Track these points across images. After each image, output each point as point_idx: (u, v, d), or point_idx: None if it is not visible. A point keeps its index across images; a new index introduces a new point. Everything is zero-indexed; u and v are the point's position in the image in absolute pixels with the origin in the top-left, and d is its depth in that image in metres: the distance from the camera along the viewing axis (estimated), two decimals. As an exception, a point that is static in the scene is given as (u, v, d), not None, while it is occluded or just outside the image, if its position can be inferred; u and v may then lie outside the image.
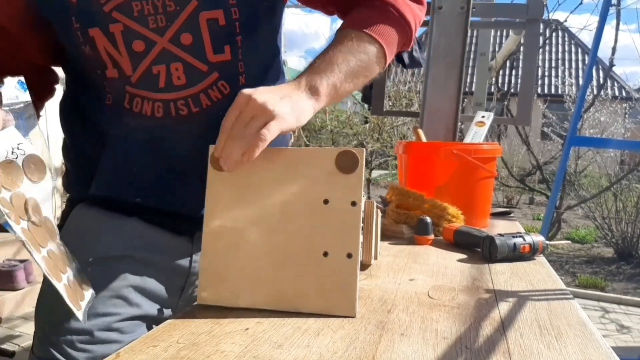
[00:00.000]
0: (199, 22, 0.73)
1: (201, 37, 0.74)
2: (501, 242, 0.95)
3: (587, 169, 7.24)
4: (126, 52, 0.73)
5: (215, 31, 0.74)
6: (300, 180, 0.67)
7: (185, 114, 0.76)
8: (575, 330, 0.62)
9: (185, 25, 0.73)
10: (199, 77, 0.75)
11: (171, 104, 0.76)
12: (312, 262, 0.66)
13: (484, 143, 1.43)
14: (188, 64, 0.74)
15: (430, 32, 1.86)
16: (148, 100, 0.76)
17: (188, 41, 0.73)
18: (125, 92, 0.76)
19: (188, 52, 0.74)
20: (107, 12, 0.71)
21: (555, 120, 8.48)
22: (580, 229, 6.50)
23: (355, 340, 0.57)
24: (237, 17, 0.74)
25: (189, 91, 0.76)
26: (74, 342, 0.72)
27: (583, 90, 3.17)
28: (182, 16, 0.72)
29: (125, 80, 0.75)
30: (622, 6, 3.88)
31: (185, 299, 0.85)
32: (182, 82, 0.75)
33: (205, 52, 0.75)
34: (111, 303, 0.75)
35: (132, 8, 0.71)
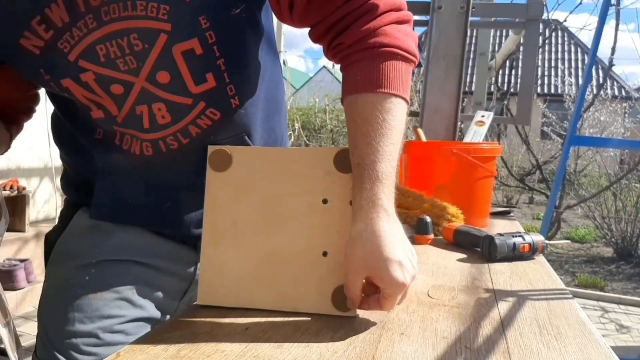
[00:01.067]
0: (173, 57, 0.66)
1: (179, 73, 0.68)
2: (501, 241, 0.95)
3: (586, 168, 7.24)
4: (106, 95, 0.69)
5: (194, 62, 0.68)
6: (298, 179, 0.67)
7: (176, 148, 0.73)
8: (574, 330, 0.62)
9: (159, 62, 0.66)
10: (185, 111, 0.71)
11: (160, 142, 0.73)
12: (311, 261, 0.66)
13: (484, 142, 1.44)
14: (170, 102, 0.70)
15: (430, 31, 1.86)
16: (136, 139, 0.73)
17: (165, 80, 0.68)
18: (115, 130, 0.74)
19: (167, 90, 0.69)
20: (74, 62, 0.66)
21: (555, 119, 8.48)
22: (580, 229, 6.51)
23: (355, 340, 0.57)
24: (213, 40, 0.67)
25: (176, 127, 0.72)
26: (79, 345, 0.72)
27: (583, 90, 3.17)
28: (152, 54, 0.66)
29: (112, 120, 0.72)
30: (621, 6, 3.88)
31: (185, 302, 0.85)
32: (167, 120, 0.71)
33: (187, 86, 0.69)
34: (115, 305, 0.75)
35: (98, 53, 0.65)
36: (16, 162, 3.47)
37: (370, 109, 0.64)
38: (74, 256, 0.78)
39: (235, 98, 0.73)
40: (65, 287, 0.76)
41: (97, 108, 0.71)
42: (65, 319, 0.73)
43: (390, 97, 0.64)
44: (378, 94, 0.64)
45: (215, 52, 0.68)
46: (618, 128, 8.63)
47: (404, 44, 0.66)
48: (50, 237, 0.83)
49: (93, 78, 0.67)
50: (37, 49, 0.65)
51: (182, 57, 0.67)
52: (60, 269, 0.78)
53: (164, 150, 0.73)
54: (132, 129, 0.72)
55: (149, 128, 0.71)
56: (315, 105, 7.38)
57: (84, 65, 0.66)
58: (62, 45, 0.64)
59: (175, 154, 0.74)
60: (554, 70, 14.16)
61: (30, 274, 3.13)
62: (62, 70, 0.66)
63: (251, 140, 0.78)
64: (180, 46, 0.66)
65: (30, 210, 3.40)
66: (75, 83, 0.67)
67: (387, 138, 0.63)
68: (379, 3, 0.66)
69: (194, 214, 0.79)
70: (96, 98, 0.69)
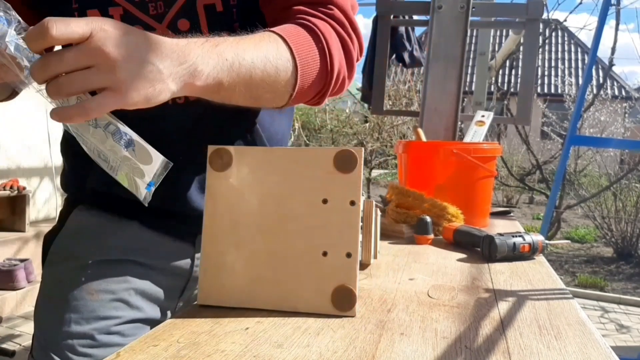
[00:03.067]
0: (196, 8, 0.72)
1: (198, 23, 0.72)
2: (501, 241, 0.95)
3: (586, 168, 7.24)
4: None
5: (213, 17, 0.73)
6: (298, 180, 0.67)
7: (183, 102, 0.75)
8: (574, 330, 0.62)
9: (182, 11, 0.72)
10: None
11: None
12: (311, 261, 0.66)
13: (484, 142, 1.43)
14: None
15: (430, 31, 1.86)
16: None
17: (185, 27, 0.72)
18: None
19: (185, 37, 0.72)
20: None
21: (555, 119, 8.48)
22: (580, 229, 6.51)
23: (355, 340, 0.57)
24: (234, 3, 0.73)
25: None
26: (75, 347, 0.72)
27: (583, 90, 3.17)
28: (179, 2, 0.71)
29: None
30: (621, 6, 3.88)
31: (184, 300, 0.85)
32: None
33: None
34: (112, 306, 0.75)
35: None
36: (16, 162, 3.47)
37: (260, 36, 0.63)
38: (70, 256, 0.78)
39: None
40: (61, 287, 0.76)
41: None
42: (61, 319, 0.73)
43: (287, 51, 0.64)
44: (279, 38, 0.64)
45: (233, 14, 0.73)
46: (618, 128, 8.63)
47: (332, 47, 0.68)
48: (49, 237, 0.83)
49: (120, 14, 0.70)
50: None
51: (203, 10, 0.72)
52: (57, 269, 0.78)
53: (170, 102, 0.70)
54: None
55: None
56: (315, 105, 7.38)
57: (117, 0, 0.69)
58: None
59: (180, 111, 0.75)
60: (554, 70, 14.16)
61: (30, 274, 3.13)
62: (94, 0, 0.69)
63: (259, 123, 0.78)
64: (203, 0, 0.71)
65: (30, 210, 3.40)
66: (101, 15, 0.70)
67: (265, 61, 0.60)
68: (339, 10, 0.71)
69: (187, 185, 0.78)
70: None
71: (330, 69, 0.68)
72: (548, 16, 4.96)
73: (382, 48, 2.23)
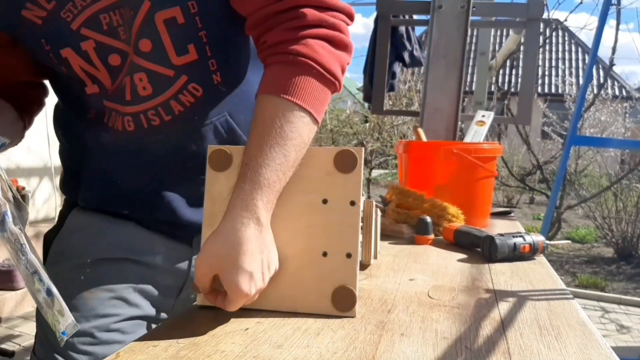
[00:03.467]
0: (155, 24, 0.67)
1: (161, 41, 0.68)
2: (501, 241, 0.95)
3: (587, 168, 7.24)
4: (103, 67, 0.70)
5: (175, 31, 0.68)
6: (298, 180, 0.67)
7: (158, 124, 0.73)
8: (575, 330, 0.62)
9: (142, 30, 0.67)
10: (166, 83, 0.71)
11: (141, 115, 0.72)
12: (311, 262, 0.66)
13: (484, 142, 1.43)
14: (151, 72, 0.70)
15: (431, 31, 1.86)
16: (119, 114, 0.73)
17: (147, 48, 0.68)
18: (105, 107, 0.74)
19: (149, 59, 0.69)
20: (76, 30, 0.67)
21: (556, 119, 8.48)
22: (581, 229, 6.50)
23: (355, 340, 0.57)
24: (195, 10, 0.68)
25: (157, 100, 0.72)
26: (76, 344, 0.72)
27: (583, 90, 3.17)
28: (137, 21, 0.67)
29: (105, 95, 0.73)
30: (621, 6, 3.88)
31: (181, 299, 0.85)
32: (148, 92, 0.71)
33: (168, 56, 0.69)
34: (111, 304, 0.75)
35: (101, 22, 0.67)
36: (15, 162, 3.47)
37: (270, 113, 0.62)
38: (70, 255, 0.78)
39: (217, 74, 0.73)
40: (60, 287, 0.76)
41: (91, 82, 0.71)
42: None
43: (294, 107, 0.62)
44: (282, 100, 0.62)
45: (197, 22, 0.69)
46: (619, 128, 8.63)
47: (323, 60, 0.64)
48: (49, 237, 0.83)
49: (93, 47, 0.68)
50: (39, 19, 0.67)
51: (164, 25, 0.67)
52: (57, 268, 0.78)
53: (145, 126, 0.73)
54: (117, 102, 0.72)
55: (130, 100, 0.71)
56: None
57: (86, 33, 0.67)
58: (64, 15, 0.66)
59: (158, 132, 0.74)
60: (555, 70, 14.16)
61: (30, 274, 3.12)
62: (63, 39, 0.68)
63: (235, 122, 0.77)
64: (162, 14, 0.67)
65: (29, 210, 3.40)
66: (75, 52, 0.68)
67: (280, 147, 0.61)
68: (308, 13, 0.64)
69: (183, 197, 0.78)
70: (93, 70, 0.70)
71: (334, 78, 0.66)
72: (548, 16, 4.95)
73: (382, 48, 2.23)
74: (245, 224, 0.59)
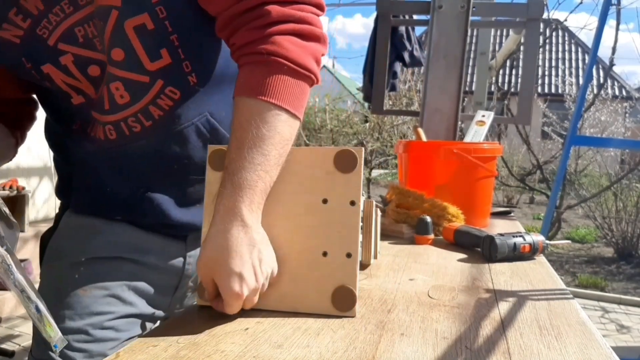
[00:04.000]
0: (126, 32, 0.67)
1: (133, 49, 0.68)
2: (501, 241, 0.95)
3: (587, 168, 7.24)
4: (84, 78, 0.71)
5: (146, 38, 0.68)
6: (298, 179, 0.67)
7: (139, 130, 0.73)
8: (575, 330, 0.62)
9: (113, 39, 0.68)
10: (143, 90, 0.71)
11: (121, 123, 0.73)
12: (311, 262, 0.66)
13: (484, 142, 1.43)
14: (127, 80, 0.70)
15: (431, 31, 1.86)
16: (99, 124, 0.74)
17: (120, 57, 0.69)
18: (91, 117, 0.75)
19: (123, 68, 0.70)
20: (53, 46, 0.68)
21: (556, 119, 8.48)
22: (581, 229, 6.50)
23: (355, 340, 0.57)
24: (164, 15, 0.68)
25: (135, 107, 0.72)
26: (71, 342, 0.72)
27: (583, 90, 3.17)
28: (107, 31, 0.67)
29: (91, 105, 0.74)
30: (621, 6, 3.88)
31: (178, 298, 0.85)
32: (125, 100, 0.71)
33: (142, 63, 0.70)
34: (105, 302, 0.75)
35: (76, 35, 0.68)
36: (15, 162, 3.47)
37: (246, 115, 0.63)
38: (64, 255, 0.79)
39: (192, 75, 0.73)
40: (56, 285, 0.76)
41: (76, 94, 0.72)
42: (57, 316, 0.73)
43: (270, 107, 0.63)
44: (257, 101, 0.63)
45: (167, 27, 0.69)
46: (619, 128, 8.63)
47: (293, 56, 0.64)
48: (45, 238, 0.84)
49: (72, 60, 0.69)
50: (17, 38, 0.68)
51: (134, 33, 0.67)
52: (52, 268, 0.79)
53: (127, 133, 0.74)
54: (97, 112, 0.73)
55: (109, 109, 0.72)
56: (315, 105, 7.39)
57: (63, 47, 0.68)
58: (40, 32, 0.67)
59: (140, 138, 0.74)
60: (555, 70, 14.16)
61: (29, 274, 3.12)
62: (42, 55, 0.69)
63: (217, 120, 0.77)
64: (131, 21, 0.67)
65: (29, 210, 3.40)
66: (55, 67, 0.69)
67: (258, 148, 0.61)
68: (272, 10, 0.64)
69: (172, 198, 0.78)
70: (75, 82, 0.71)
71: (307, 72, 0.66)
72: (548, 16, 4.95)
73: (382, 48, 2.23)
74: (230, 227, 0.61)
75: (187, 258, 0.83)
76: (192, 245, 0.83)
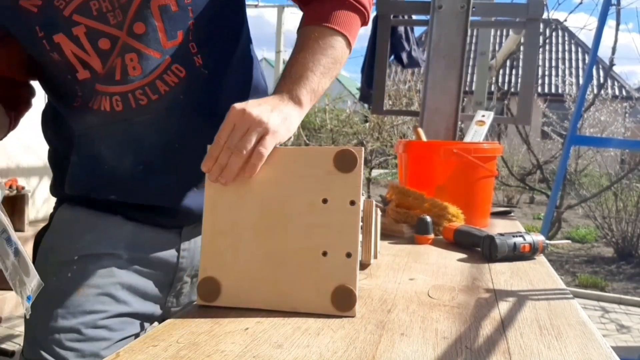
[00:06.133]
0: (150, 10, 0.73)
1: (154, 25, 0.74)
2: (501, 241, 0.95)
3: (587, 168, 7.23)
4: (93, 51, 0.74)
5: (168, 18, 0.74)
6: (298, 179, 0.67)
7: (145, 103, 0.76)
8: (575, 330, 0.62)
9: (137, 14, 0.73)
10: (154, 64, 0.76)
11: (129, 95, 0.76)
12: (311, 261, 0.66)
13: (484, 142, 1.43)
14: (142, 53, 0.75)
15: (431, 31, 1.86)
16: (106, 96, 0.76)
17: (141, 30, 0.74)
18: (94, 91, 0.76)
19: (141, 41, 0.74)
20: (68, 17, 0.71)
21: (556, 119, 8.48)
22: (581, 229, 6.50)
23: (355, 340, 0.57)
24: (190, 1, 0.75)
25: (145, 80, 0.76)
26: (62, 341, 0.72)
27: (583, 90, 3.17)
28: (133, 6, 0.72)
29: (96, 79, 0.76)
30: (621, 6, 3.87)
31: (174, 294, 0.85)
32: (137, 72, 0.75)
33: (159, 40, 0.75)
34: (98, 300, 0.75)
35: (91, 8, 0.71)
36: (15, 162, 3.47)
37: (311, 34, 0.76)
38: (57, 253, 0.79)
39: (198, 56, 0.78)
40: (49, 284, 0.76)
41: (83, 68, 0.75)
42: (49, 315, 0.74)
43: (332, 31, 0.77)
44: (323, 27, 0.77)
45: (189, 12, 0.76)
46: (618, 128, 8.63)
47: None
48: (38, 238, 0.84)
49: (84, 32, 0.72)
50: (35, 7, 0.71)
51: (158, 11, 0.74)
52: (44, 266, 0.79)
53: (133, 105, 0.76)
54: (106, 84, 0.76)
55: (120, 80, 0.75)
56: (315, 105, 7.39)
57: (77, 19, 0.72)
58: (57, 3, 0.71)
59: (145, 112, 0.76)
60: (555, 70, 14.16)
61: (30, 274, 3.12)
62: (56, 25, 0.72)
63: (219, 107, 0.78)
64: (157, 0, 0.73)
65: (29, 210, 3.40)
66: (67, 38, 0.72)
67: (316, 55, 0.75)
68: None
69: (170, 180, 0.79)
70: (84, 55, 0.74)
71: (363, 8, 0.81)
72: (548, 16, 4.95)
73: (382, 48, 2.23)
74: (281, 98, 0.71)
75: (181, 252, 0.83)
76: (187, 238, 0.83)
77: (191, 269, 0.85)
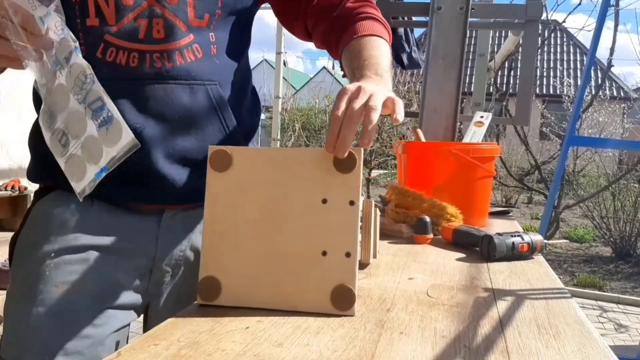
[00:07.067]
0: None
1: (186, 1, 0.79)
2: (500, 241, 0.95)
3: (585, 168, 7.24)
4: (114, 4, 0.76)
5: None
6: (298, 179, 0.67)
7: (159, 67, 0.78)
8: (573, 329, 0.62)
9: None
10: (177, 34, 0.79)
11: (147, 54, 0.78)
12: (311, 261, 0.66)
13: (483, 143, 1.44)
14: (169, 21, 0.78)
15: (430, 32, 1.86)
16: (124, 50, 0.78)
17: (175, 1, 0.78)
18: (102, 41, 0.77)
19: (172, 10, 0.78)
20: None
21: (554, 120, 8.50)
22: (579, 228, 6.51)
23: (355, 339, 0.58)
24: None
25: (165, 45, 0.78)
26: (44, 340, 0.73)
27: (581, 91, 3.18)
28: None
29: (106, 29, 0.77)
30: (620, 7, 3.88)
31: (154, 283, 0.84)
32: (161, 35, 0.78)
33: (187, 14, 0.79)
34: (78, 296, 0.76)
35: None
36: (18, 162, 3.47)
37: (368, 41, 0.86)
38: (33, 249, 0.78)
39: (214, 46, 0.83)
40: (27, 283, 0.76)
41: (95, 15, 0.76)
42: (29, 314, 0.73)
43: (378, 39, 0.88)
44: (373, 37, 0.88)
45: (219, 1, 0.82)
46: (617, 128, 8.65)
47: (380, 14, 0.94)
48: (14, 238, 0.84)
49: None
50: None
51: None
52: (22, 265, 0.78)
53: (147, 65, 0.78)
54: (125, 39, 0.77)
55: (143, 39, 0.78)
56: (315, 106, 7.39)
57: None
58: None
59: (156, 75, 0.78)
60: (553, 71, 14.18)
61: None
62: None
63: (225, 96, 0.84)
64: None
65: (29, 210, 3.39)
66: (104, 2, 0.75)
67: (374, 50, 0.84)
68: None
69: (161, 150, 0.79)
70: (102, 4, 0.76)
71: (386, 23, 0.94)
72: (547, 17, 4.96)
73: (381, 48, 2.23)
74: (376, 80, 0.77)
75: (159, 240, 0.83)
76: (166, 227, 0.83)
77: (170, 258, 0.84)
